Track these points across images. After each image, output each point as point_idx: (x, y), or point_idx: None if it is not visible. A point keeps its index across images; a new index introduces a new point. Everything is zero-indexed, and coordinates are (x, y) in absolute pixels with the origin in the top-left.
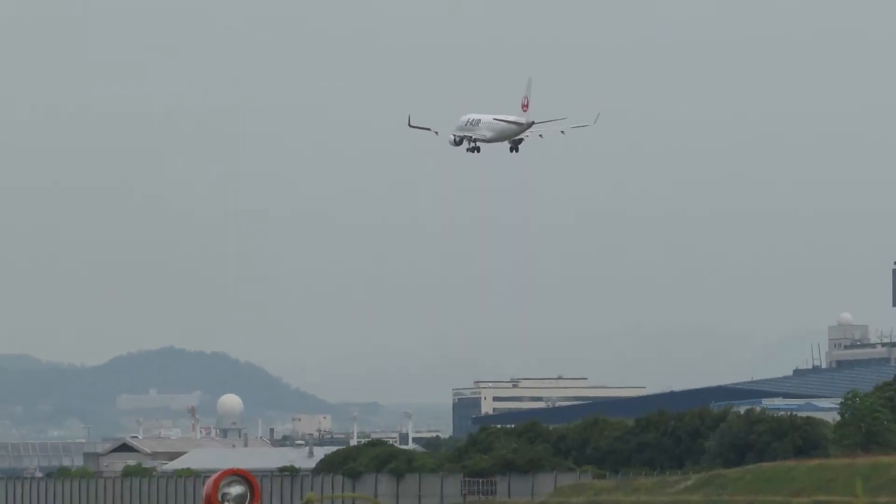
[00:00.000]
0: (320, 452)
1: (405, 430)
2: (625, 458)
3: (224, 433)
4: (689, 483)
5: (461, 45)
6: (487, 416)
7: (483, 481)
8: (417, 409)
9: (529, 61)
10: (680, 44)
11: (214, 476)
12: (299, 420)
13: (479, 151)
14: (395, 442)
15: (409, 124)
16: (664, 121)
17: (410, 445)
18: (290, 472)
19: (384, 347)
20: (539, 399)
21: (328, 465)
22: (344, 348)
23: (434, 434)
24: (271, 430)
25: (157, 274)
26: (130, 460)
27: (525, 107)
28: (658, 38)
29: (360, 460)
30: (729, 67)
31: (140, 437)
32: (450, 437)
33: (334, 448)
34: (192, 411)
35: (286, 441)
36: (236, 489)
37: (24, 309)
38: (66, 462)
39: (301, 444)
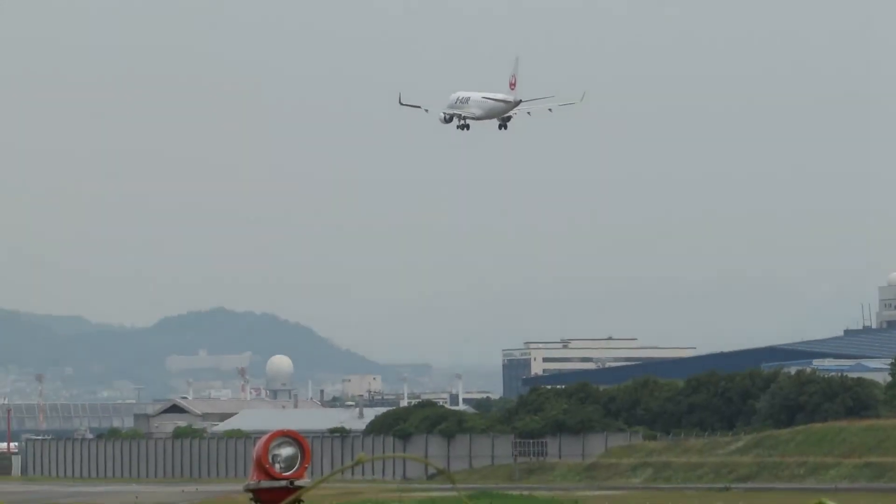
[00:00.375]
0: (370, 413)
1: (455, 390)
2: (675, 419)
3: (274, 394)
4: (740, 444)
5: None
6: (537, 377)
7: (534, 442)
8: (467, 369)
9: (516, 38)
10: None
11: (264, 437)
12: (349, 381)
13: (468, 129)
14: (446, 403)
15: (400, 102)
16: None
17: (461, 406)
18: (340, 433)
19: (434, 308)
20: (589, 360)
21: (378, 426)
22: (394, 309)
23: (484, 395)
24: (321, 392)
25: (207, 235)
26: (180, 421)
27: (513, 85)
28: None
29: (411, 421)
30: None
31: (190, 398)
32: (500, 397)
33: (384, 409)
34: (242, 372)
35: (336, 402)
36: (286, 450)
37: (75, 271)
38: (117, 423)
39: (351, 405)
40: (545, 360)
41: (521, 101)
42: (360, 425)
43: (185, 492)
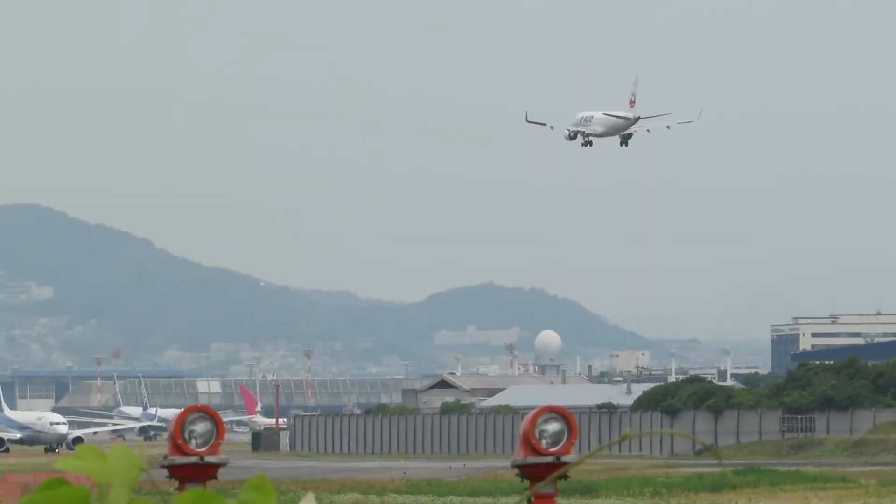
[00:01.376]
0: (638, 389)
1: (723, 366)
2: None
3: (542, 370)
4: None
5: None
6: (806, 353)
7: (802, 418)
8: (735, 345)
9: (635, 59)
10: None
11: (532, 413)
12: (617, 357)
13: (591, 145)
14: (714, 378)
15: (527, 119)
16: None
17: (728, 382)
18: (608, 408)
19: (703, 283)
20: (858, 335)
21: (646, 402)
22: (661, 284)
23: (752, 370)
24: (589, 367)
25: (475, 211)
26: (448, 397)
27: (632, 103)
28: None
29: (678, 397)
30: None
31: (458, 374)
32: (768, 373)
33: (652, 385)
34: (511, 348)
35: (604, 378)
36: (553, 426)
37: (345, 247)
38: (385, 399)
39: (619, 381)
40: (813, 335)
41: (640, 117)
42: (628, 401)
43: (453, 468)
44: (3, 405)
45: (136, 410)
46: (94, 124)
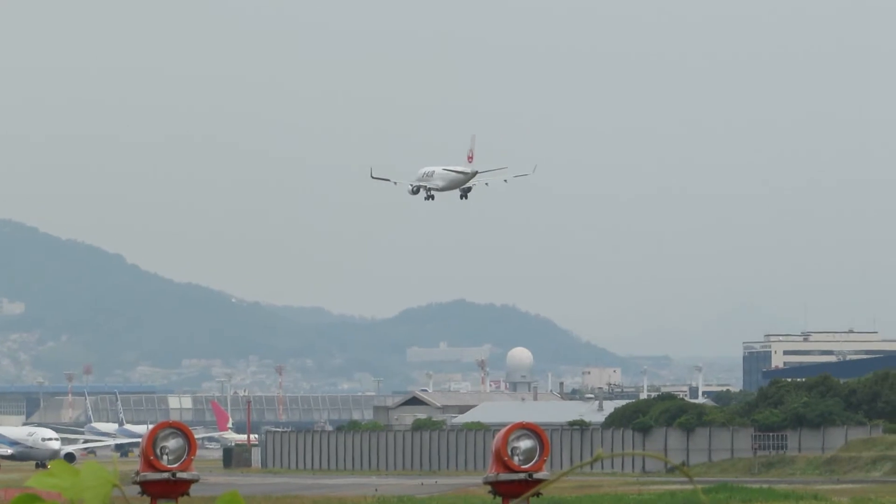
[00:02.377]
0: (610, 406)
1: (695, 383)
2: None
3: (514, 386)
4: None
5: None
6: (778, 370)
7: (774, 435)
8: (707, 362)
9: (474, 118)
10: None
11: (504, 430)
12: (589, 373)
13: (433, 199)
14: (686, 395)
15: (372, 176)
16: None
17: (701, 399)
18: (579, 425)
19: (674, 300)
20: (830, 353)
21: (617, 419)
22: (633, 302)
23: (724, 388)
24: (561, 384)
25: (446, 228)
26: (420, 413)
27: (470, 158)
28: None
29: (650, 414)
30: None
31: (430, 391)
32: (740, 390)
33: (624, 402)
34: (482, 364)
35: (576, 394)
36: (526, 443)
37: (316, 263)
38: (356, 415)
39: (591, 398)
40: (785, 352)
41: (477, 172)
42: (600, 418)
43: (425, 484)
44: None
45: (107, 426)
46: (65, 138)
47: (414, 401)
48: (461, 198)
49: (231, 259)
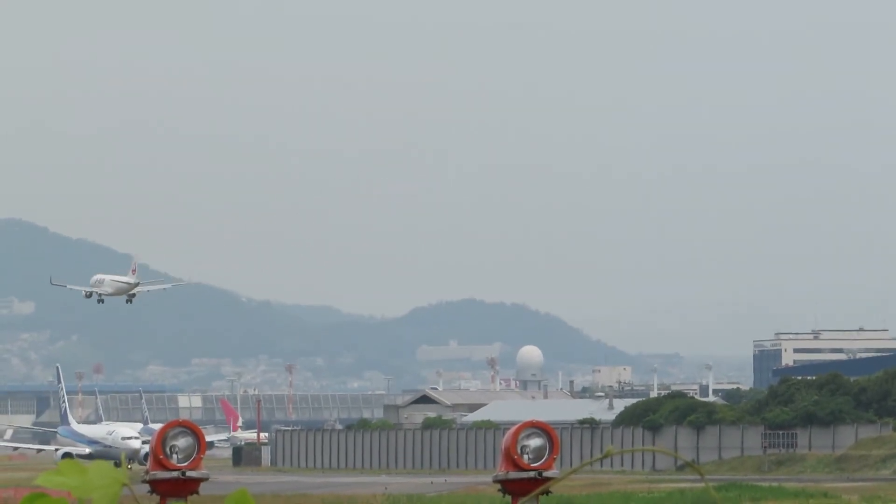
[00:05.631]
0: (620, 404)
1: (705, 381)
2: None
3: (524, 385)
4: None
5: None
6: (788, 368)
7: (784, 433)
8: (717, 360)
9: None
10: None
11: (514, 428)
12: (599, 372)
13: (103, 302)
14: (696, 394)
15: (52, 282)
16: None
17: (711, 397)
18: (589, 424)
19: (684, 298)
20: (840, 351)
21: (628, 418)
22: (643, 300)
23: (734, 386)
24: (571, 382)
25: (456, 228)
26: (430, 412)
27: (134, 272)
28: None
29: (660, 412)
30: None
31: (440, 389)
32: (750, 388)
33: (634, 400)
34: (492, 363)
35: (586, 393)
36: (535, 441)
37: (327, 262)
38: (366, 414)
39: (601, 396)
40: (796, 351)
41: (139, 282)
42: (610, 416)
43: (434, 483)
44: (71, 419)
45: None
46: (74, 137)
47: (424, 399)
48: (127, 301)
49: (241, 258)
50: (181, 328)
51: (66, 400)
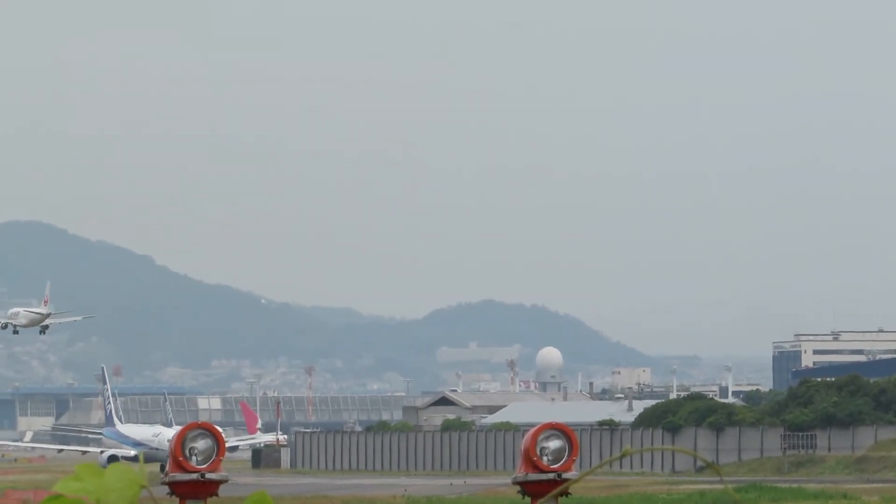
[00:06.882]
0: (639, 406)
1: (725, 383)
2: None
3: (543, 386)
4: None
5: None
6: (807, 370)
7: (803, 435)
8: (737, 361)
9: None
10: None
11: (533, 430)
12: (618, 373)
13: (18, 333)
14: (715, 395)
15: None
16: None
17: (730, 399)
18: (609, 425)
19: (702, 300)
20: (860, 352)
21: (647, 419)
22: (662, 301)
23: (754, 387)
24: (590, 384)
25: (474, 229)
26: (449, 414)
27: (46, 302)
28: None
29: (680, 414)
30: None
31: (459, 391)
32: (770, 390)
33: (653, 402)
34: (512, 364)
35: (605, 394)
36: (555, 443)
37: (346, 263)
38: (385, 415)
39: (620, 398)
40: (815, 352)
41: (51, 313)
42: (629, 418)
43: (454, 485)
44: (116, 419)
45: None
46: (92, 138)
47: (443, 401)
48: (40, 333)
49: (260, 260)
50: (200, 330)
51: (111, 402)
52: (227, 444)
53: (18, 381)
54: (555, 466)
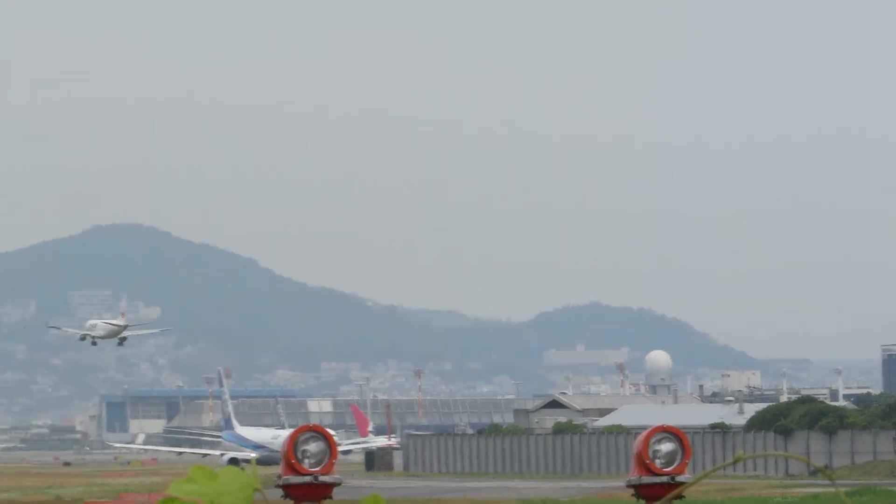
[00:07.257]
0: (750, 409)
1: (835, 386)
2: None
3: (653, 389)
4: None
5: None
6: None
7: None
8: (847, 364)
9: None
10: None
11: (645, 433)
12: (728, 376)
13: (97, 344)
14: (826, 398)
15: (48, 325)
16: None
17: (841, 402)
18: (720, 428)
19: (812, 303)
20: None
21: (758, 422)
22: (770, 304)
23: (864, 390)
24: (700, 387)
25: (579, 232)
26: (560, 417)
27: (123, 315)
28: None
29: (791, 417)
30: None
31: (569, 394)
32: (880, 393)
33: (764, 405)
34: (621, 367)
35: (715, 397)
36: (667, 446)
37: (452, 266)
38: (496, 418)
39: (731, 401)
40: None
41: (128, 325)
42: (741, 421)
43: (567, 488)
44: (235, 422)
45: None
46: (194, 139)
47: (554, 404)
48: (119, 344)
49: (363, 263)
50: (307, 333)
51: (229, 404)
52: (340, 448)
53: (128, 383)
54: (668, 469)
